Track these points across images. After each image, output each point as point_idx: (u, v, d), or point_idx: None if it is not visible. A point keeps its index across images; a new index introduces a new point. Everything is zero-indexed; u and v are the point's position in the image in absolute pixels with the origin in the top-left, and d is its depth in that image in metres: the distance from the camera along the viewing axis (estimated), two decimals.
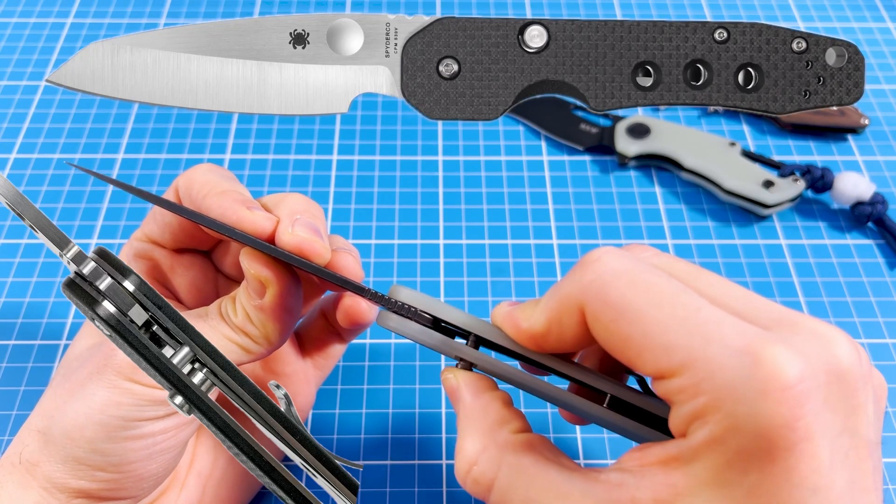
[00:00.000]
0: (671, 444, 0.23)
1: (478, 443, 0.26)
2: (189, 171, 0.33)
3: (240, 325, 0.30)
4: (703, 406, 0.22)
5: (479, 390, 0.28)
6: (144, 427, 0.29)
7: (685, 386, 0.22)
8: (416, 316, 0.28)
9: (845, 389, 0.22)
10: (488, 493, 0.26)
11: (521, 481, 0.25)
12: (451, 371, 0.29)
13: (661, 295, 0.23)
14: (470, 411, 0.27)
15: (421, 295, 0.29)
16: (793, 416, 0.21)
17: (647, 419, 0.27)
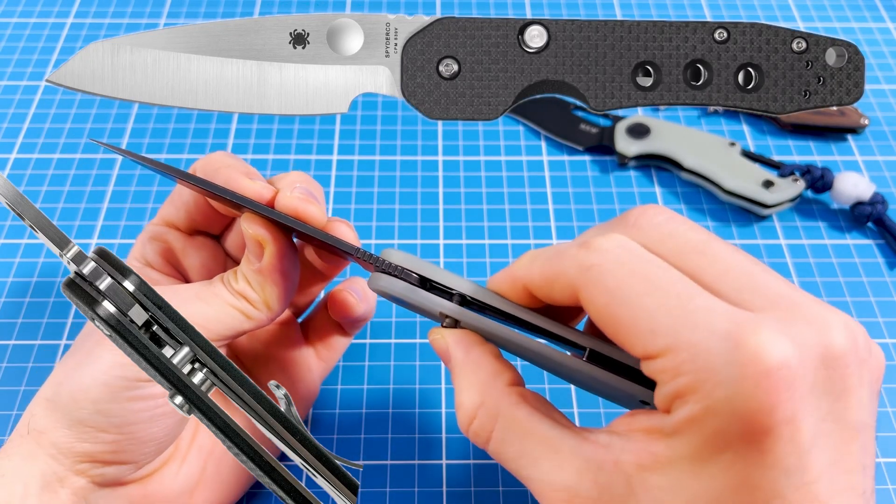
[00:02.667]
0: (655, 416, 0.24)
1: (475, 397, 0.28)
2: (206, 156, 0.35)
3: (240, 290, 0.32)
4: (684, 386, 0.23)
5: (468, 345, 0.29)
6: (147, 388, 0.30)
7: (668, 367, 0.23)
8: (404, 275, 0.29)
9: (836, 374, 0.23)
10: (487, 444, 0.27)
11: (516, 435, 0.26)
12: (438, 331, 0.29)
13: (656, 285, 0.24)
14: (463, 367, 0.28)
15: (412, 257, 0.29)
16: (771, 400, 0.21)
17: (627, 373, 0.27)
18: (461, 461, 0.39)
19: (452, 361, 0.29)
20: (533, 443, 0.26)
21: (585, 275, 0.25)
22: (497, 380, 0.28)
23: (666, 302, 0.24)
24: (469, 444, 0.40)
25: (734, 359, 0.22)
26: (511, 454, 0.27)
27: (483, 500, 0.38)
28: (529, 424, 0.27)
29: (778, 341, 0.22)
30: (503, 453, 0.27)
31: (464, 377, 0.28)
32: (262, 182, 0.33)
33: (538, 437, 0.26)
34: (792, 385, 0.22)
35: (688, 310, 0.23)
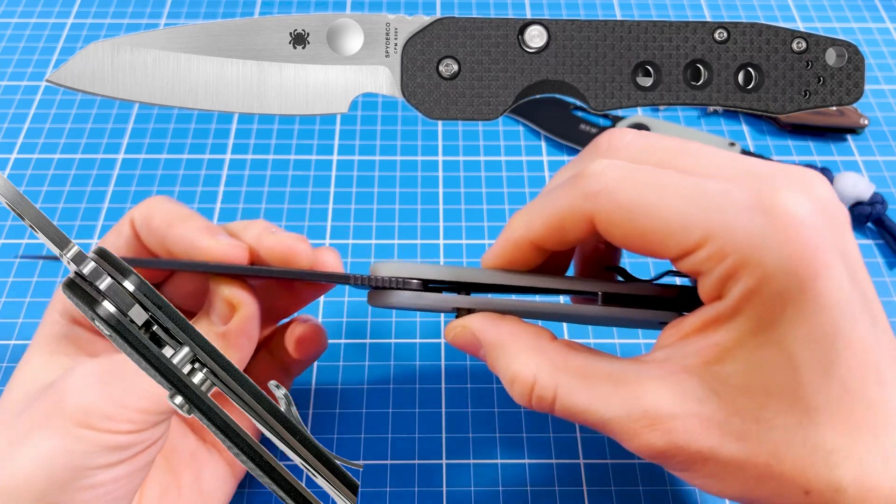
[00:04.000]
0: (706, 309, 0.25)
1: (530, 363, 0.27)
2: (145, 202, 0.32)
3: None
4: (732, 266, 0.24)
5: (496, 322, 0.28)
6: (96, 476, 0.27)
7: (711, 254, 0.24)
8: (405, 285, 0.29)
9: (837, 222, 0.25)
10: (554, 405, 0.27)
11: (580, 383, 0.26)
12: (456, 324, 0.29)
13: (665, 186, 0.25)
14: (501, 342, 0.28)
15: (401, 263, 0.29)
16: (812, 247, 0.24)
17: (642, 303, 0.29)
18: (461, 461, 0.39)
19: (486, 343, 0.28)
20: (599, 384, 0.26)
21: (597, 200, 0.26)
22: (540, 340, 0.28)
23: (685, 197, 0.25)
24: (469, 444, 0.40)
25: (769, 223, 0.24)
26: (582, 404, 0.26)
27: (483, 500, 0.38)
28: (590, 368, 0.26)
29: (796, 197, 0.24)
30: (574, 406, 0.26)
31: (506, 351, 0.27)
32: (228, 238, 0.30)
33: (602, 376, 0.26)
34: (821, 231, 0.24)
35: (705, 197, 0.24)
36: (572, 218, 0.26)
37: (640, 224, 0.25)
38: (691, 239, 0.24)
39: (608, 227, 0.26)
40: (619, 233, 0.26)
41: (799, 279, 0.23)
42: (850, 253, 0.25)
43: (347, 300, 0.45)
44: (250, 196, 0.50)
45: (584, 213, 0.26)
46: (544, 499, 0.38)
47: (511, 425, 0.40)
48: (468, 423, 0.40)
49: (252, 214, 0.49)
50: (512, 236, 0.28)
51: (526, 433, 0.40)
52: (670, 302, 0.29)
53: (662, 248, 0.25)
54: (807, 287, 0.23)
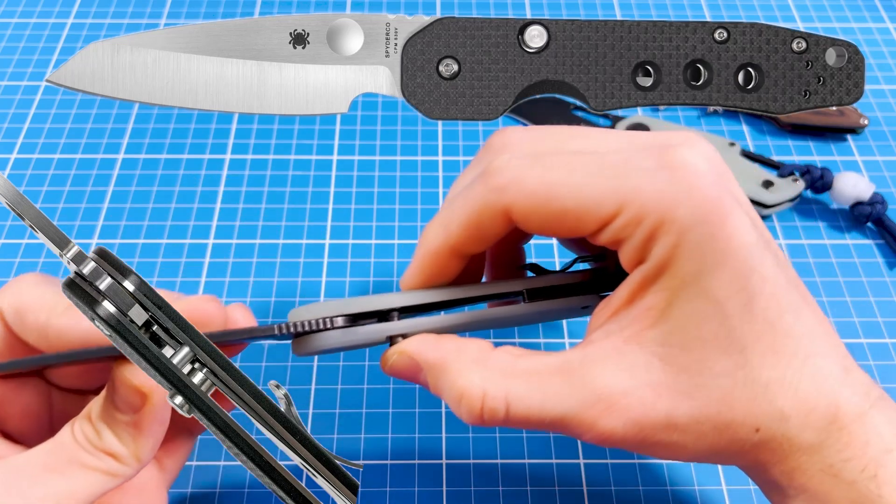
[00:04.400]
0: (632, 277, 0.26)
1: (475, 376, 0.26)
2: (11, 290, 0.29)
3: (105, 447, 0.26)
4: (652, 226, 0.25)
5: (434, 341, 0.28)
6: None
7: (628, 220, 0.25)
8: (329, 324, 0.27)
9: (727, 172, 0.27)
10: (506, 413, 0.26)
11: (531, 387, 0.26)
12: (390, 352, 0.28)
13: (570, 165, 0.26)
14: (442, 361, 0.27)
15: (321, 304, 0.28)
16: (715, 196, 0.25)
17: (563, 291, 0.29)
18: (461, 461, 0.39)
19: (427, 364, 0.27)
20: (548, 381, 0.26)
21: (509, 192, 0.26)
22: (482, 352, 0.27)
23: (592, 171, 0.26)
24: (469, 444, 0.40)
25: (673, 179, 0.25)
26: (535, 405, 0.26)
27: (483, 499, 0.38)
28: (536, 367, 0.26)
29: (690, 152, 0.26)
30: (528, 410, 0.26)
31: (448, 369, 0.27)
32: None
33: (549, 373, 0.26)
34: (718, 179, 0.26)
35: (613, 167, 0.26)
36: (488, 214, 0.27)
37: (555, 206, 0.26)
38: (607, 209, 0.25)
39: (525, 217, 0.26)
40: (535, 219, 0.26)
41: (710, 226, 0.25)
42: (742, 198, 0.27)
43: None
44: (250, 196, 0.50)
45: (498, 207, 0.26)
46: (544, 499, 0.38)
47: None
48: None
49: (252, 214, 0.49)
50: (430, 247, 0.28)
51: (526, 433, 0.40)
52: (587, 286, 0.29)
53: (580, 225, 0.26)
54: (718, 233, 0.25)
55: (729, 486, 0.38)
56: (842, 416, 0.25)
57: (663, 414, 0.25)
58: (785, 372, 0.25)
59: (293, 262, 0.47)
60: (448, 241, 0.28)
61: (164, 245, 0.48)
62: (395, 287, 0.30)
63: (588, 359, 0.26)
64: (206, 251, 0.47)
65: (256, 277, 0.46)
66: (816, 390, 0.25)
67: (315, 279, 0.46)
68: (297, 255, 0.47)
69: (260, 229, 0.48)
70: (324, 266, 0.47)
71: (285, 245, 0.48)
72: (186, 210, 0.49)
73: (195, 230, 0.48)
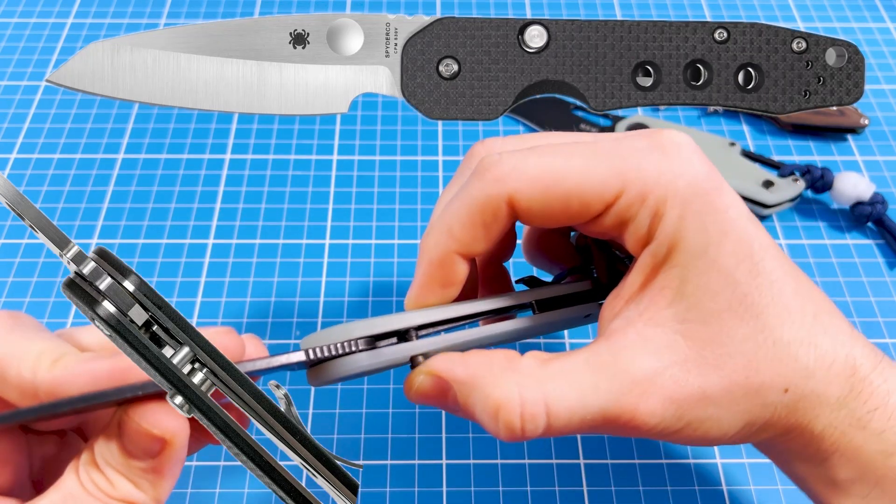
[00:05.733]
0: (641, 263, 0.27)
1: (511, 386, 0.26)
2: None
3: (123, 496, 0.24)
4: (657, 203, 0.26)
5: (461, 358, 0.27)
6: None
7: (633, 199, 0.26)
8: (352, 348, 0.26)
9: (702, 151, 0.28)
10: (547, 417, 0.25)
11: (565, 384, 0.26)
12: (417, 371, 0.27)
13: (565, 152, 0.26)
14: (473, 376, 0.26)
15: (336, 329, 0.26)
16: (707, 169, 0.26)
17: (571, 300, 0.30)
18: (461, 461, 0.39)
19: (457, 382, 0.26)
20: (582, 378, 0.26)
21: (510, 181, 0.26)
22: (511, 361, 0.27)
23: (589, 156, 0.26)
24: (469, 444, 0.40)
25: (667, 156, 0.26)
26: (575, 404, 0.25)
27: (483, 499, 0.38)
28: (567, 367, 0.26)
29: (675, 134, 0.27)
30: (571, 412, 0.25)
31: (481, 384, 0.26)
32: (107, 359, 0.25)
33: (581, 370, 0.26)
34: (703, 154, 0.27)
35: (609, 150, 0.26)
36: (491, 207, 0.26)
37: (558, 191, 0.26)
38: (611, 190, 0.26)
39: (528, 205, 0.26)
40: (539, 207, 0.26)
41: (709, 197, 0.26)
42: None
43: (347, 301, 0.45)
44: (250, 196, 0.50)
45: (501, 199, 0.26)
46: (544, 499, 0.38)
47: None
48: (468, 423, 0.40)
49: (252, 214, 0.49)
50: (434, 254, 0.27)
51: None
52: (591, 294, 0.30)
53: (585, 208, 0.26)
54: (717, 203, 0.26)
55: (729, 487, 0.38)
56: (860, 368, 0.26)
57: (697, 388, 0.25)
58: (801, 330, 0.26)
59: (293, 262, 0.47)
60: (451, 245, 0.27)
61: (164, 245, 0.48)
62: (395, 291, 0.29)
63: (615, 348, 0.26)
64: (205, 251, 0.47)
65: (256, 277, 0.46)
66: (833, 345, 0.26)
67: (315, 279, 0.46)
68: (296, 255, 0.47)
69: (260, 229, 0.48)
70: (324, 266, 0.47)
71: (285, 245, 0.48)
72: (186, 210, 0.49)
73: (195, 230, 0.48)
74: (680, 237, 0.26)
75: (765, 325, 0.26)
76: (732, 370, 0.25)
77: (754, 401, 0.26)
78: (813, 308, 0.26)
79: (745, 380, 0.26)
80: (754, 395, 0.26)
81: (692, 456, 0.40)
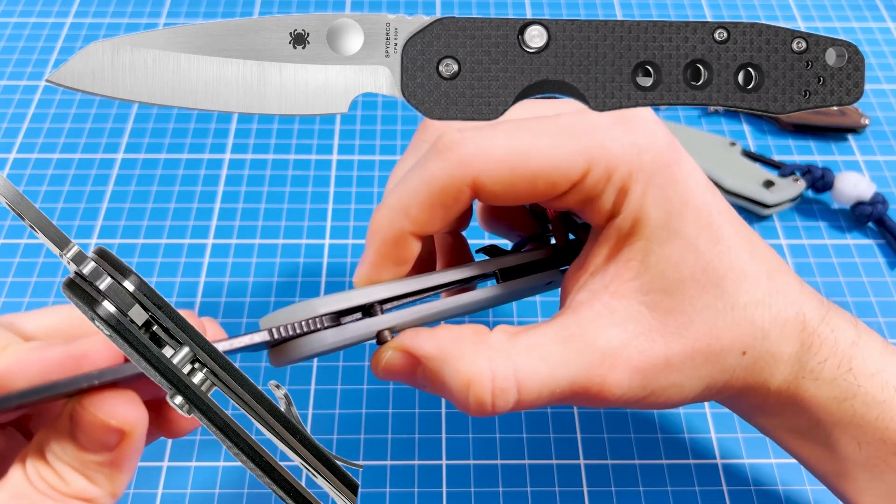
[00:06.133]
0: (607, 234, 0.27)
1: (480, 360, 0.25)
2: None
3: (76, 493, 0.23)
4: (623, 177, 0.26)
5: (430, 333, 0.26)
6: None
7: (599, 176, 0.26)
8: (315, 325, 0.25)
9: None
10: (518, 391, 0.25)
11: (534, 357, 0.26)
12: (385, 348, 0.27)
13: (531, 130, 0.26)
14: (443, 351, 0.26)
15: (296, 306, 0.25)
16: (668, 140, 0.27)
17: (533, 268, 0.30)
18: (461, 461, 0.39)
19: (427, 357, 0.26)
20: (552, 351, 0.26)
21: (475, 164, 0.26)
22: (480, 336, 0.26)
23: (554, 133, 0.26)
24: (469, 445, 0.40)
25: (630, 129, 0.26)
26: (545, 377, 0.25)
27: (483, 500, 0.38)
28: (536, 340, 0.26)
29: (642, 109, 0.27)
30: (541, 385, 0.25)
31: (451, 358, 0.26)
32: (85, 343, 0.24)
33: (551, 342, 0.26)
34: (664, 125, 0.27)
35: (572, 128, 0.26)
36: (453, 189, 0.26)
37: (525, 172, 0.26)
38: (577, 168, 0.26)
39: (493, 187, 0.26)
40: (502, 188, 0.26)
41: (670, 169, 0.26)
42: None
43: None
44: (250, 196, 0.50)
45: (465, 180, 0.26)
46: (544, 499, 0.38)
47: (511, 425, 0.40)
48: (468, 423, 0.40)
49: (251, 214, 0.49)
50: (388, 234, 0.27)
51: (526, 433, 0.40)
52: (552, 261, 0.30)
53: (551, 188, 0.26)
54: (677, 174, 0.26)
55: (729, 487, 0.38)
56: (809, 323, 0.27)
57: (661, 356, 0.26)
58: (757, 292, 0.27)
59: (293, 263, 0.47)
60: (409, 225, 0.26)
61: (164, 245, 0.48)
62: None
63: (583, 321, 0.26)
64: (205, 251, 0.47)
65: (256, 277, 0.46)
66: (785, 304, 0.27)
67: (315, 279, 0.46)
68: (296, 255, 0.47)
69: (259, 229, 0.48)
70: (323, 266, 0.47)
71: (285, 245, 0.48)
72: (186, 210, 0.49)
73: (194, 230, 0.48)
74: (644, 211, 0.26)
75: (723, 291, 0.26)
76: (695, 338, 0.26)
77: (714, 365, 0.26)
78: (766, 268, 0.27)
79: (706, 346, 0.26)
80: (714, 361, 0.26)
81: (692, 456, 0.40)
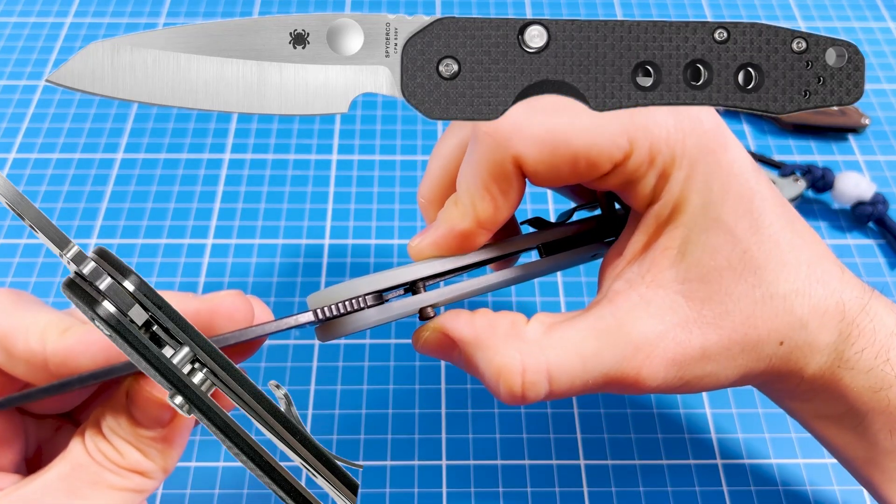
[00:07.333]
0: (645, 223, 0.26)
1: (513, 351, 0.26)
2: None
3: (132, 465, 0.25)
4: (667, 161, 0.25)
5: (469, 317, 0.27)
6: None
7: (641, 159, 0.25)
8: (360, 304, 0.26)
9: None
10: (549, 387, 0.26)
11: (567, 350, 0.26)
12: (426, 326, 0.27)
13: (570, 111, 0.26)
14: (477, 337, 0.26)
15: (341, 286, 0.27)
16: (714, 125, 0.26)
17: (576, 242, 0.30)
18: (461, 461, 0.39)
19: (463, 341, 0.27)
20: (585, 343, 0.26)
21: (517, 143, 0.26)
22: (517, 326, 0.27)
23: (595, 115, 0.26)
24: (469, 445, 0.40)
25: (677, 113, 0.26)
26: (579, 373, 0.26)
27: (483, 500, 0.38)
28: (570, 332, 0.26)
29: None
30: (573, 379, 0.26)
31: (485, 346, 0.26)
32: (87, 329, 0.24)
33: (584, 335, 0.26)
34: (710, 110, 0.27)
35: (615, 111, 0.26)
36: (499, 169, 0.26)
37: (566, 151, 0.25)
38: (619, 149, 0.25)
39: (535, 166, 0.26)
40: (545, 168, 0.26)
41: (715, 155, 0.26)
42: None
43: None
44: (249, 196, 0.50)
45: (506, 158, 0.26)
46: (544, 499, 0.38)
47: (511, 425, 0.40)
48: (468, 423, 0.40)
49: (251, 214, 0.49)
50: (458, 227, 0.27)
51: (526, 433, 0.40)
52: (595, 234, 0.30)
53: (593, 168, 0.26)
54: (722, 160, 0.26)
55: (729, 487, 0.38)
56: (849, 312, 0.26)
57: (697, 347, 0.26)
58: (797, 281, 0.26)
59: (292, 263, 0.47)
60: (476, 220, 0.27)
61: (163, 245, 0.48)
62: None
63: (619, 312, 0.26)
64: (204, 251, 0.47)
65: (256, 278, 0.46)
66: (825, 292, 0.26)
67: (314, 279, 0.46)
68: (296, 255, 0.47)
69: (259, 229, 0.48)
70: (323, 266, 0.47)
71: (284, 245, 0.48)
72: (185, 210, 0.49)
73: (194, 230, 0.48)
74: (684, 198, 0.26)
75: (762, 280, 0.26)
76: (731, 328, 0.26)
77: (751, 355, 0.26)
78: (808, 256, 0.27)
79: (742, 336, 0.26)
80: (751, 350, 0.26)
81: (692, 456, 0.40)
